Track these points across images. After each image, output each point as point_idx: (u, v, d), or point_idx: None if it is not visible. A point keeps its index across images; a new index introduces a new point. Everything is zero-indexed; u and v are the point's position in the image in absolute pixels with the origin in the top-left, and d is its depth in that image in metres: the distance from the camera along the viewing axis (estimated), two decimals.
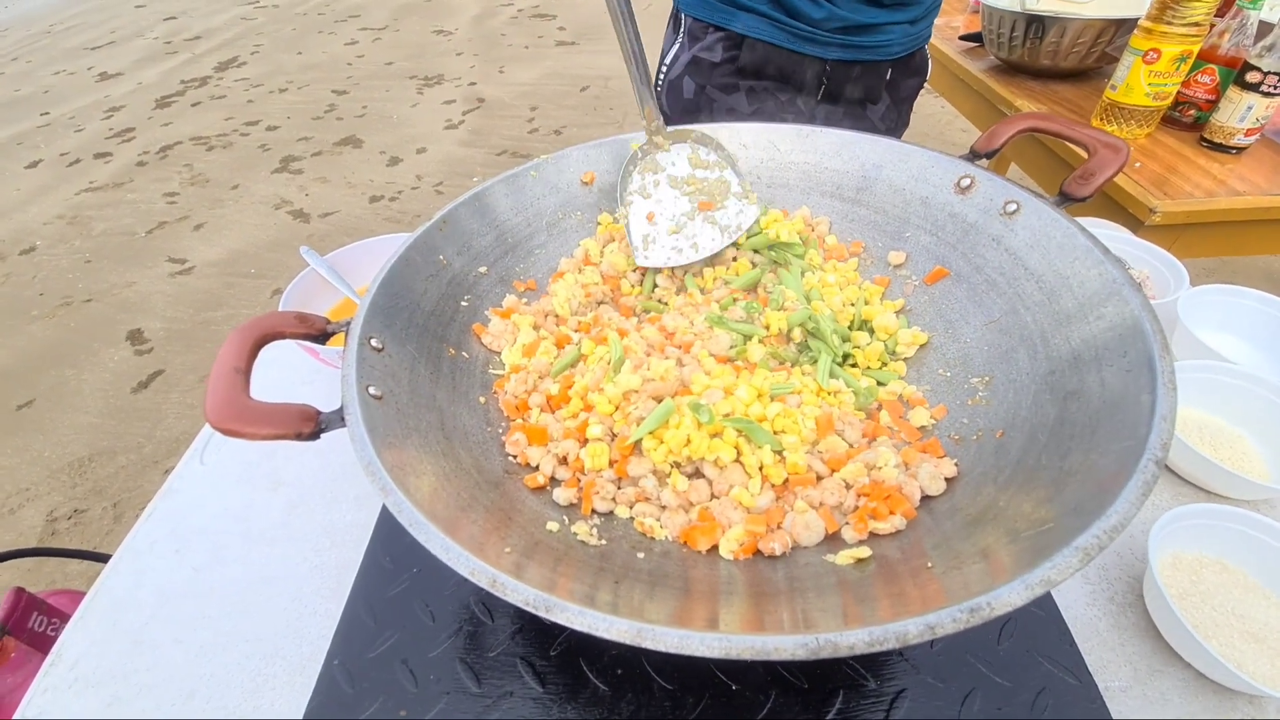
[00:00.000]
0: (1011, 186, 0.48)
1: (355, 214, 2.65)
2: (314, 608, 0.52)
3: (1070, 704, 0.43)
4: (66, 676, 0.50)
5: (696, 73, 0.91)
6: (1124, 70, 1.03)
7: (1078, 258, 0.41)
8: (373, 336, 0.42)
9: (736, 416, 0.45)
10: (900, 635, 0.22)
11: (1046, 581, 0.23)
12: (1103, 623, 0.48)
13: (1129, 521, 0.24)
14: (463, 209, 0.56)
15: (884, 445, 0.43)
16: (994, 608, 0.23)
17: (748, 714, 0.43)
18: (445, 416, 0.43)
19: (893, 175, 0.57)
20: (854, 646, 0.23)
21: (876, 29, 0.82)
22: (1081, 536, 0.24)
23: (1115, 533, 0.24)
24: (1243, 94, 0.97)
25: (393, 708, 0.45)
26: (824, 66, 0.85)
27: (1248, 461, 0.58)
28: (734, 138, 0.64)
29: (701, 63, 0.90)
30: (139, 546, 0.58)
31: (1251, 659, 0.45)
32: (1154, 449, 0.27)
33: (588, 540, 0.39)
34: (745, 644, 0.23)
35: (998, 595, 0.23)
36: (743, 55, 0.86)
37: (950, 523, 0.35)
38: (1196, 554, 0.51)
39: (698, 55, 0.90)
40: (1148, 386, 0.31)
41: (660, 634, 0.23)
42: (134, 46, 4.72)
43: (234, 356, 0.34)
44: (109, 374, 2.00)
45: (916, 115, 3.39)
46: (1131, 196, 0.95)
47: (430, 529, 0.28)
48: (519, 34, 4.33)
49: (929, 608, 0.23)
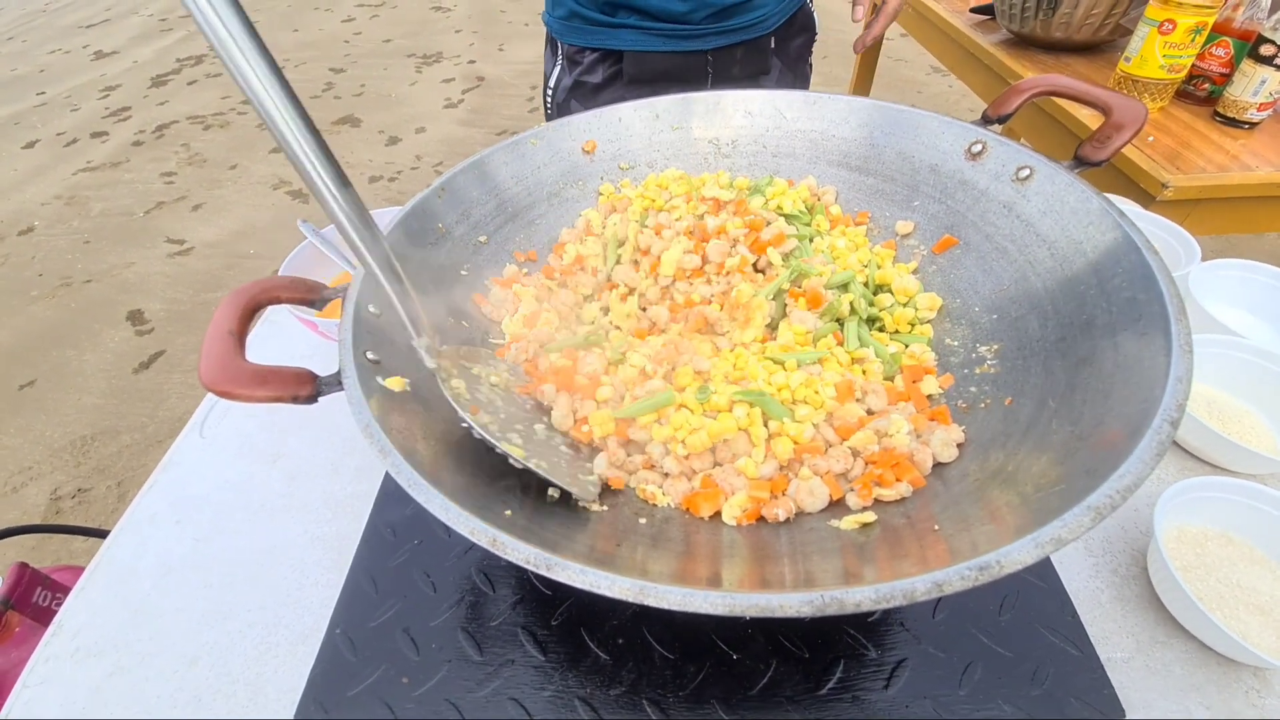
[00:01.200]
0: (1025, 151, 0.47)
1: None
2: (315, 578, 0.52)
3: (1071, 674, 0.43)
4: (68, 646, 0.50)
5: (581, 96, 0.92)
6: (1138, 41, 1.00)
7: (1092, 222, 0.40)
8: (370, 302, 0.41)
9: (749, 389, 0.44)
10: (908, 592, 0.22)
11: (1057, 540, 0.23)
12: (1105, 595, 0.47)
13: (1142, 480, 0.24)
14: (462, 176, 0.55)
15: (896, 413, 0.43)
16: (1003, 565, 0.22)
17: (748, 683, 0.43)
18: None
19: (901, 142, 0.55)
20: (860, 604, 0.22)
21: (747, 7, 0.82)
22: (1093, 495, 0.24)
23: (1128, 492, 0.24)
24: (1256, 67, 0.95)
25: (395, 675, 0.45)
26: (706, 57, 0.86)
27: (1256, 436, 0.57)
28: (740, 105, 0.62)
29: (585, 85, 0.91)
30: (140, 518, 0.58)
31: (1256, 631, 0.45)
32: (1169, 409, 0.26)
33: (590, 505, 0.38)
34: (750, 602, 0.22)
35: (1007, 553, 0.23)
36: (625, 68, 0.86)
37: (958, 488, 0.34)
38: (1201, 527, 0.51)
39: (580, 79, 0.91)
40: (1163, 349, 0.30)
41: (662, 592, 0.23)
42: (129, 24, 4.65)
43: (228, 319, 0.34)
44: (110, 354, 2.00)
45: (922, 95, 3.33)
46: (1144, 171, 0.93)
47: (429, 490, 0.28)
48: (519, 11, 4.26)
49: (936, 567, 0.23)
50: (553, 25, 0.90)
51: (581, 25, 0.85)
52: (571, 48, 0.89)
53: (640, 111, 0.63)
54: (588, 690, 0.44)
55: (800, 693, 0.43)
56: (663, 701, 0.43)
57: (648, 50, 0.84)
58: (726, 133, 0.63)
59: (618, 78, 0.88)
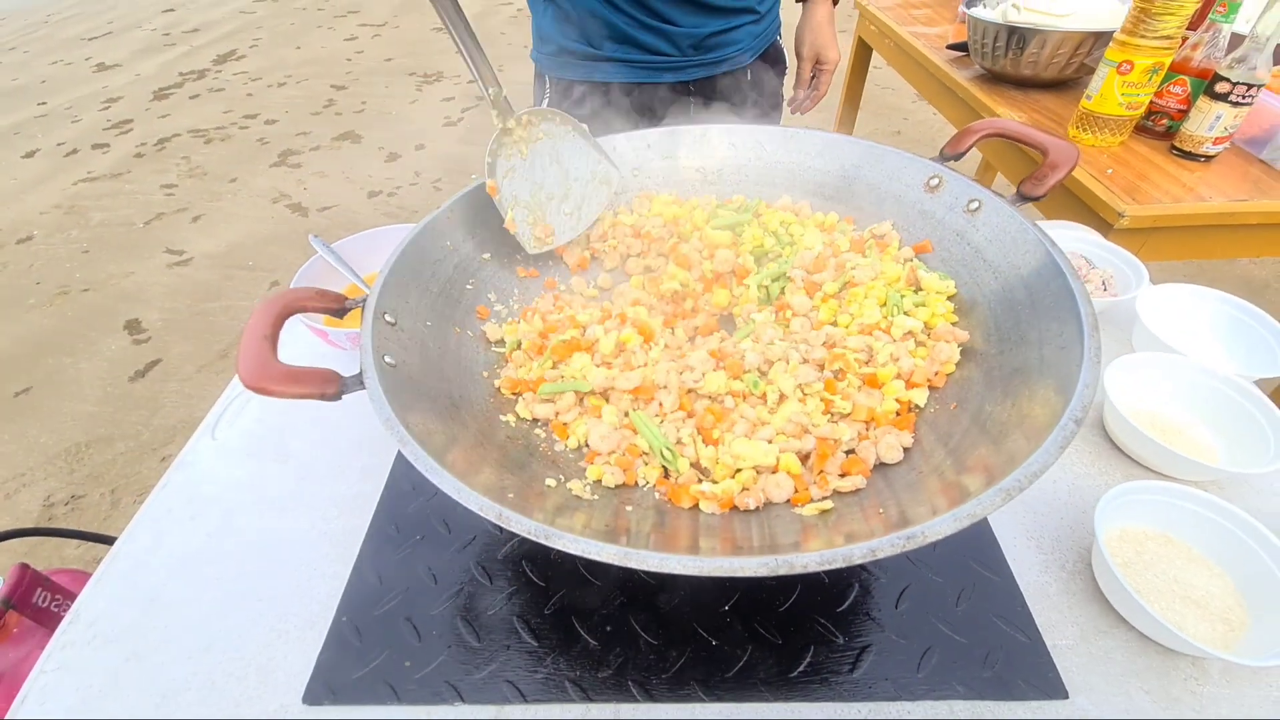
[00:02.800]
0: (975, 186, 0.52)
1: (354, 208, 2.68)
2: (322, 570, 0.56)
3: (1019, 659, 0.47)
4: (85, 633, 0.53)
5: None
6: (1099, 81, 1.08)
7: (1028, 250, 0.45)
8: (386, 312, 0.45)
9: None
10: (846, 556, 0.26)
11: (972, 515, 0.27)
12: (1053, 588, 0.52)
13: (1046, 468, 0.28)
14: (468, 199, 0.60)
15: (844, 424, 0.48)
16: (926, 535, 0.27)
17: (726, 666, 0.47)
18: (452, 386, 0.47)
19: (870, 174, 0.61)
20: (807, 565, 0.26)
21: (725, 36, 0.89)
22: (1005, 480, 0.28)
23: (1034, 477, 0.28)
24: (1212, 104, 1.02)
25: (398, 659, 0.49)
26: (689, 87, 0.92)
27: (1197, 446, 0.62)
28: (724, 137, 0.68)
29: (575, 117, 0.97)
30: (155, 513, 0.61)
31: (1192, 622, 0.49)
32: (1074, 410, 0.31)
33: (581, 495, 0.42)
34: (715, 564, 0.27)
35: (930, 526, 0.27)
36: (613, 99, 0.92)
37: (903, 480, 0.39)
38: (1143, 528, 0.55)
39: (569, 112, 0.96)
40: (1077, 360, 0.35)
41: (643, 556, 0.27)
42: (132, 38, 4.71)
43: (263, 325, 0.38)
44: (106, 362, 2.01)
45: (908, 123, 3.43)
46: (1103, 201, 1.00)
47: (444, 473, 0.32)
48: (519, 33, 4.37)
49: (873, 539, 0.27)
50: (541, 61, 0.96)
51: (570, 60, 0.91)
52: (561, 82, 0.95)
53: (633, 141, 0.68)
54: (577, 673, 0.47)
55: (773, 676, 0.47)
56: (647, 683, 0.46)
57: (634, 82, 0.89)
58: (712, 162, 0.68)
59: (606, 109, 0.94)
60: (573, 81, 0.94)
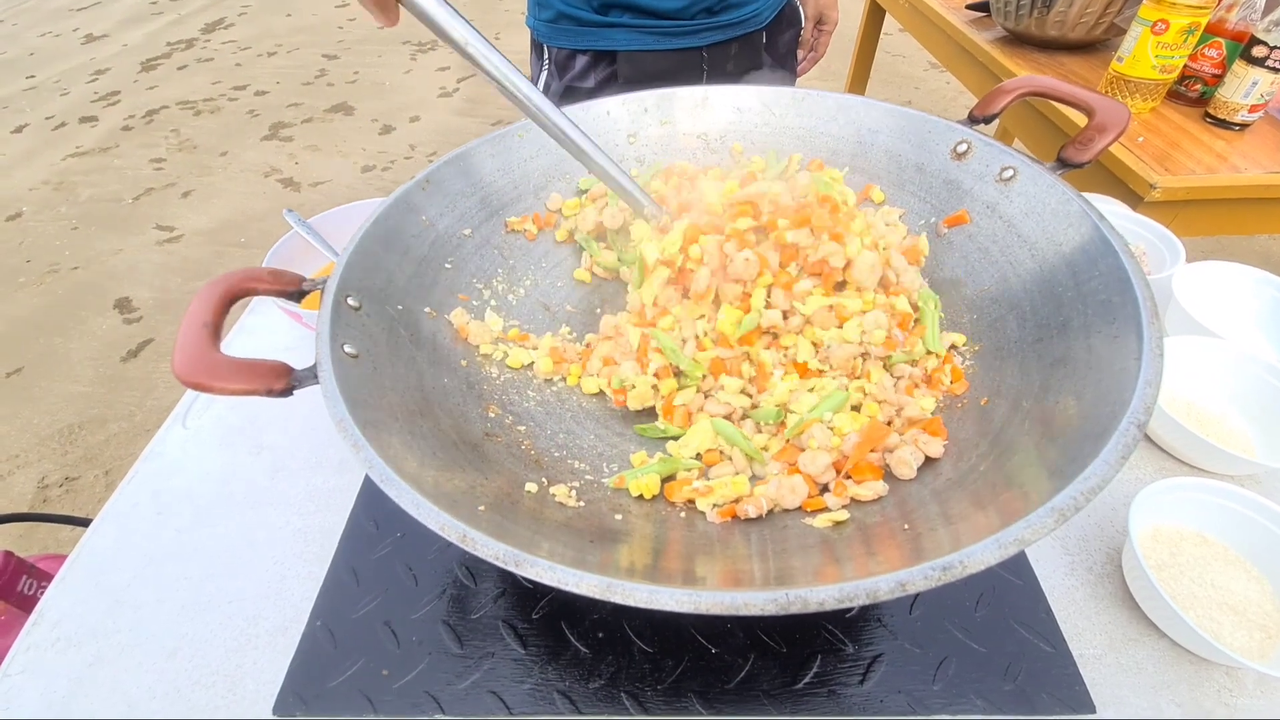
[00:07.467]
0: (1008, 152, 0.47)
1: (347, 183, 2.61)
2: (296, 570, 0.52)
3: (1044, 670, 0.43)
4: (49, 635, 0.50)
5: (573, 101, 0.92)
6: (1131, 41, 1.00)
7: (1071, 224, 0.40)
8: (349, 295, 0.41)
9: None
10: (871, 591, 0.22)
11: (1020, 540, 0.23)
12: (1080, 592, 0.48)
13: (1106, 484, 0.24)
14: (446, 169, 0.55)
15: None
16: (966, 565, 0.23)
17: (726, 677, 0.44)
18: (425, 378, 0.43)
19: (889, 140, 0.55)
20: (824, 602, 0.22)
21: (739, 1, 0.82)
22: (1058, 497, 0.24)
23: (1092, 494, 0.24)
24: (1249, 69, 0.95)
25: (375, 667, 0.46)
26: (701, 54, 0.85)
27: (1234, 438, 0.58)
28: (728, 101, 0.62)
29: (577, 91, 0.90)
30: (121, 509, 0.57)
31: (1229, 630, 0.45)
32: (1136, 413, 0.27)
33: (565, 502, 0.38)
34: (714, 600, 0.23)
35: (970, 553, 0.23)
36: (620, 69, 0.85)
37: (929, 488, 0.35)
38: (1177, 527, 0.51)
39: (571, 85, 0.90)
40: (1134, 353, 0.30)
41: (629, 589, 0.23)
42: (119, 7, 4.57)
43: (203, 311, 0.33)
44: (98, 342, 1.98)
45: (919, 92, 3.32)
46: (1132, 171, 0.93)
47: (401, 485, 0.28)
48: (515, 0, 4.21)
49: (901, 566, 0.23)
50: (538, 29, 0.88)
51: (571, 27, 0.84)
52: (561, 52, 0.88)
53: (629, 105, 0.63)
54: (567, 683, 0.44)
55: (777, 687, 0.43)
56: (641, 695, 0.43)
57: (642, 50, 0.83)
58: (715, 128, 0.63)
59: (612, 80, 0.87)
60: (574, 51, 0.87)
